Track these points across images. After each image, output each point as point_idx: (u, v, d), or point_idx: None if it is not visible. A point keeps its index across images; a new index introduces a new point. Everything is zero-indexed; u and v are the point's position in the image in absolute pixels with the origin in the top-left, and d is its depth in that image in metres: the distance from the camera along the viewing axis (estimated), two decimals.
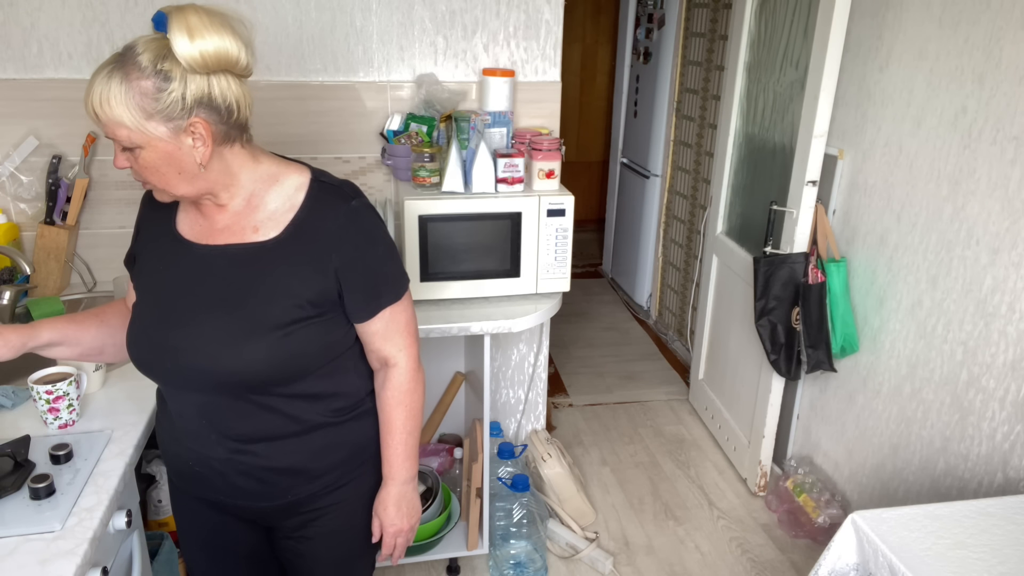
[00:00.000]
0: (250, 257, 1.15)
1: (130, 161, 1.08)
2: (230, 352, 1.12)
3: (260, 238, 1.15)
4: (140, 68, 1.01)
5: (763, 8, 2.62)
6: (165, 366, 1.17)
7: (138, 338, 1.20)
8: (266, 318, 1.13)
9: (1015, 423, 1.68)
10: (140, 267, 1.24)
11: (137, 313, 1.21)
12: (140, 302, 1.22)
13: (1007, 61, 1.67)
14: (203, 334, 1.13)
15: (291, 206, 1.16)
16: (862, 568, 1.31)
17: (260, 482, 1.23)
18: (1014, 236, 1.67)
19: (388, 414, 1.29)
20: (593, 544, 2.40)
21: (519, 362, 2.62)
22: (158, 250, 1.22)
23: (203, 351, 1.13)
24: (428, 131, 2.15)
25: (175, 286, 1.17)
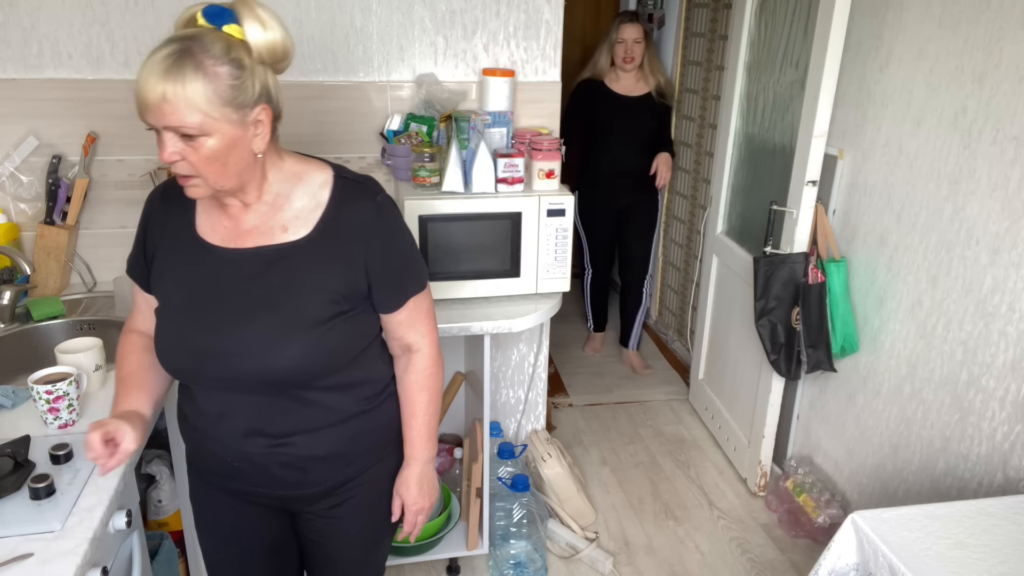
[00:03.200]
0: (283, 257, 1.16)
1: (184, 153, 1.05)
2: (276, 352, 1.14)
3: (290, 237, 1.17)
4: (214, 56, 1.02)
5: (763, 8, 2.62)
6: (207, 372, 1.17)
7: (174, 347, 1.18)
8: (306, 316, 1.15)
9: (1015, 423, 1.68)
10: (160, 272, 1.21)
11: (167, 321, 1.19)
12: (168, 309, 1.20)
13: (1007, 61, 1.67)
14: (248, 337, 1.15)
15: (317, 204, 1.19)
16: (862, 568, 1.31)
17: (301, 471, 1.25)
18: (1014, 236, 1.67)
19: (412, 397, 1.33)
20: (593, 544, 2.40)
21: (519, 362, 2.62)
22: (179, 255, 1.19)
23: (250, 354, 1.14)
24: (428, 131, 2.15)
25: (207, 291, 1.17)
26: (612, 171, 3.34)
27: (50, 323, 1.90)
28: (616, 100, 3.26)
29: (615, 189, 3.37)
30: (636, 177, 3.35)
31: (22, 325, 1.88)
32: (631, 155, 3.31)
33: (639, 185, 3.37)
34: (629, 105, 3.26)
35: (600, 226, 3.50)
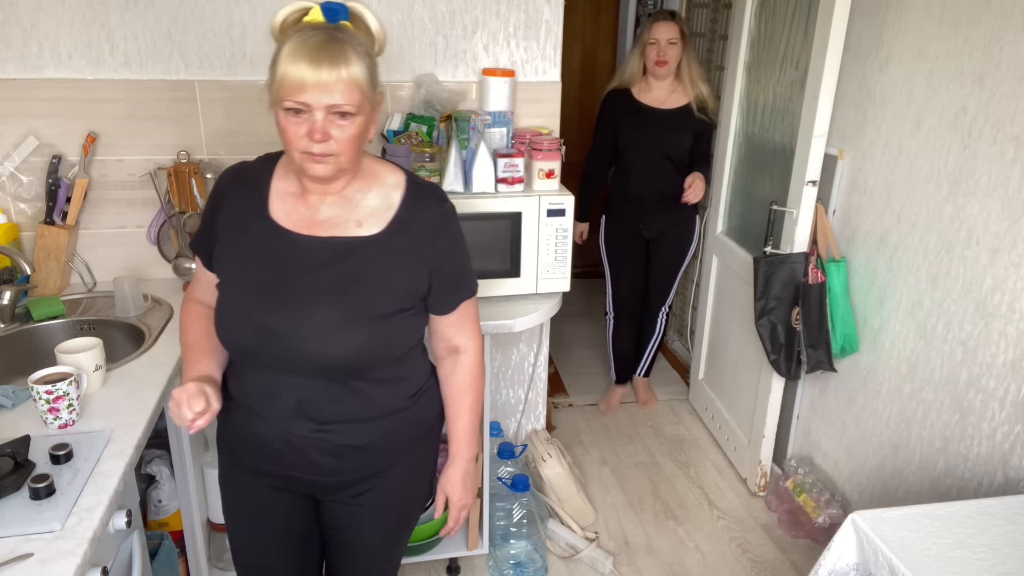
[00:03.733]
0: (355, 250, 1.22)
1: (333, 132, 1.12)
2: (340, 338, 1.20)
3: (363, 232, 1.23)
4: (360, 43, 1.14)
5: (763, 8, 2.62)
6: (267, 350, 1.21)
7: (239, 323, 1.22)
8: (372, 308, 1.22)
9: (1015, 423, 1.69)
10: (226, 250, 1.25)
11: (231, 297, 1.23)
12: (232, 285, 1.24)
13: (1007, 61, 1.67)
14: (314, 320, 1.19)
15: (389, 204, 1.25)
16: (862, 568, 1.31)
17: (338, 459, 1.30)
18: (1014, 236, 1.67)
19: (458, 397, 1.39)
20: (593, 544, 2.40)
21: (519, 362, 2.62)
22: (249, 234, 1.23)
23: (314, 337, 1.19)
24: (428, 131, 2.15)
25: (276, 271, 1.21)
26: (639, 195, 2.91)
27: (50, 323, 1.90)
28: (642, 113, 2.80)
29: (642, 216, 2.93)
30: (668, 203, 2.87)
31: (22, 325, 1.88)
32: (662, 177, 2.85)
33: (672, 212, 2.90)
34: (659, 119, 2.80)
35: (628, 261, 3.03)
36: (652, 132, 2.81)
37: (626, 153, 2.88)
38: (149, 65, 2.05)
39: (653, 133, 2.81)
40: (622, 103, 2.84)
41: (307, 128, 1.11)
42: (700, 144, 2.87)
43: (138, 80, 2.05)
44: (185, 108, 2.09)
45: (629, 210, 2.94)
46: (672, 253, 3.03)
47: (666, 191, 2.86)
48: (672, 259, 3.04)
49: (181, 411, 1.17)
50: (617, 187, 2.97)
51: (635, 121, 2.82)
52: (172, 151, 2.11)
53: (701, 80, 2.81)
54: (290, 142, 1.14)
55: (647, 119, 2.81)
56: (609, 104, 2.89)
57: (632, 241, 3.00)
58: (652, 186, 2.87)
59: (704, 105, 2.80)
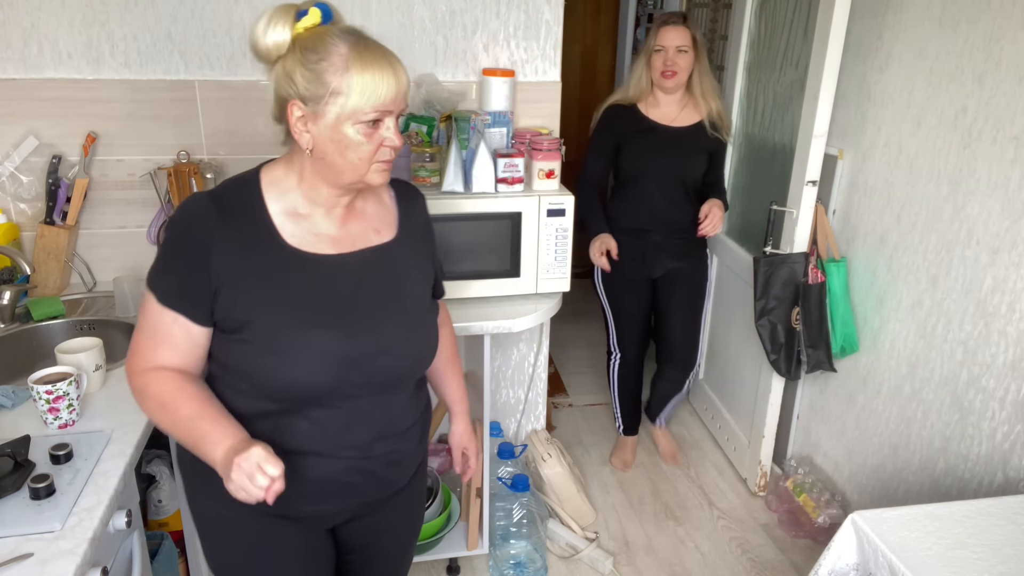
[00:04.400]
0: (385, 257, 1.21)
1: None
2: (413, 345, 1.21)
3: (385, 239, 1.22)
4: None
5: (763, 8, 2.62)
6: (351, 379, 1.14)
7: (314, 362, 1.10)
8: (421, 308, 1.24)
9: (1015, 423, 1.68)
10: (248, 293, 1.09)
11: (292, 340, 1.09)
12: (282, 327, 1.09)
13: (1007, 61, 1.67)
14: (390, 334, 1.17)
15: (387, 207, 1.26)
16: (862, 568, 1.31)
17: (399, 467, 1.28)
18: (1014, 236, 1.67)
19: (451, 362, 1.47)
20: (593, 544, 2.40)
21: (519, 362, 2.62)
22: (273, 269, 1.10)
23: (396, 350, 1.18)
24: (428, 131, 2.15)
25: (329, 298, 1.13)
26: (644, 227, 2.51)
27: (50, 323, 1.90)
28: (652, 131, 2.42)
29: (650, 251, 2.53)
30: (678, 235, 2.51)
31: (22, 325, 1.88)
32: (673, 206, 2.47)
33: (683, 245, 2.53)
34: (672, 138, 2.41)
35: (629, 298, 2.62)
36: (665, 154, 2.41)
37: (631, 178, 2.48)
38: (149, 65, 2.05)
39: (666, 155, 2.41)
40: (627, 120, 2.44)
41: (380, 137, 1.08)
42: (714, 167, 2.51)
43: (138, 80, 2.05)
44: (185, 108, 2.09)
45: (630, 244, 2.49)
46: (687, 290, 2.61)
47: (678, 222, 2.48)
48: (689, 297, 2.62)
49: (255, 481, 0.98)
50: (616, 217, 2.53)
51: (644, 141, 2.41)
52: (172, 151, 2.11)
53: (714, 95, 2.44)
54: (364, 156, 1.08)
55: (658, 138, 2.41)
56: (610, 120, 2.47)
57: (635, 280, 2.58)
58: (661, 216, 2.48)
59: (716, 123, 2.44)
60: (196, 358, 1.12)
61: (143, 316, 1.11)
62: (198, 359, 1.12)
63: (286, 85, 1.07)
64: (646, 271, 2.56)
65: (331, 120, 1.06)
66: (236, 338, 1.10)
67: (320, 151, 1.09)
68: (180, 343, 1.10)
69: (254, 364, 1.10)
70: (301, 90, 1.05)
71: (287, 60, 1.06)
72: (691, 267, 2.58)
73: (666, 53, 2.33)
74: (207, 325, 1.10)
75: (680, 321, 2.63)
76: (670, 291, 2.59)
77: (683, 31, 2.32)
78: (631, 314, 2.64)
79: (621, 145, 2.45)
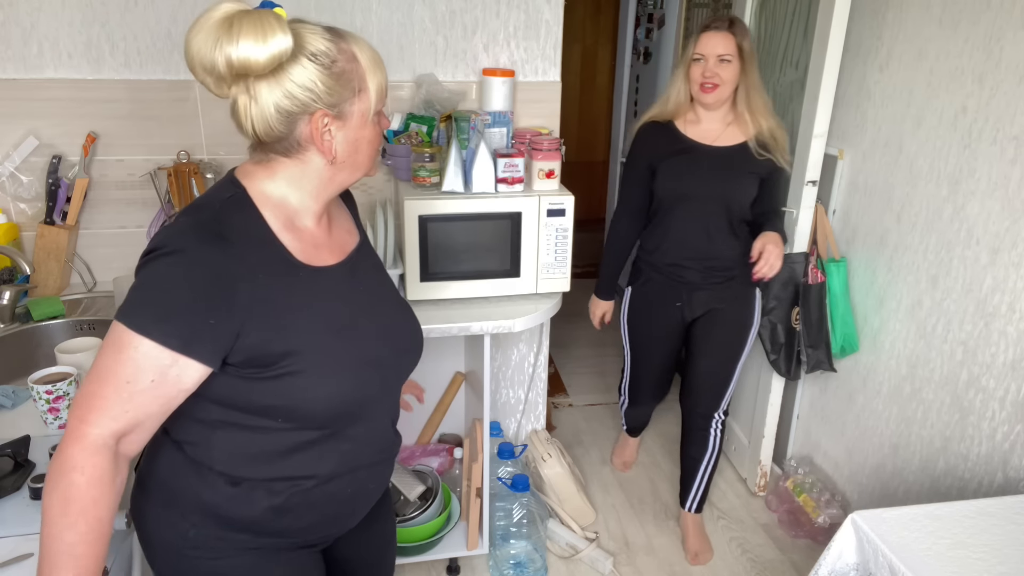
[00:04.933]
0: (365, 257, 1.21)
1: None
2: (419, 335, 1.24)
3: (356, 240, 1.20)
4: None
5: (763, 8, 2.62)
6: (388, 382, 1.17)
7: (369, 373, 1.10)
8: (403, 298, 1.27)
9: (1015, 423, 1.69)
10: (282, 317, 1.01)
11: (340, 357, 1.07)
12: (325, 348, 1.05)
13: (1007, 61, 1.67)
14: (407, 330, 1.22)
15: (344, 209, 1.24)
16: (862, 568, 1.31)
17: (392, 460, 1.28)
18: (1014, 236, 1.67)
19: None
20: (593, 544, 2.40)
21: (519, 362, 2.62)
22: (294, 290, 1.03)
23: (412, 345, 1.22)
24: (428, 131, 2.15)
25: (347, 310, 1.11)
26: (679, 262, 2.16)
27: (50, 323, 1.90)
28: (691, 152, 2.08)
29: (686, 291, 2.18)
30: (721, 274, 2.15)
31: (22, 325, 1.88)
32: (713, 239, 2.11)
33: (726, 284, 2.17)
34: (715, 160, 2.07)
35: (655, 347, 2.31)
36: (705, 177, 2.07)
37: (665, 205, 2.13)
38: (149, 65, 2.05)
39: (706, 179, 2.07)
40: (663, 140, 2.11)
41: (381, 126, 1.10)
42: (767, 195, 2.13)
43: (138, 80, 2.05)
44: (185, 108, 2.10)
45: (664, 282, 2.19)
46: (726, 336, 2.22)
47: (718, 258, 2.12)
48: (725, 347, 2.23)
49: None
50: (649, 250, 2.21)
51: (681, 163, 2.08)
52: (172, 151, 2.11)
53: (764, 112, 2.06)
54: (376, 148, 1.10)
55: (698, 160, 2.07)
56: (644, 141, 2.15)
57: (666, 321, 2.24)
58: (699, 250, 2.12)
59: (766, 142, 2.06)
60: (170, 409, 0.98)
61: (113, 360, 0.92)
62: (166, 415, 0.98)
63: (304, 96, 0.98)
64: (681, 314, 2.21)
65: (357, 121, 1.03)
66: (274, 372, 1.00)
67: (344, 155, 1.04)
68: (167, 391, 0.95)
69: (301, 395, 1.03)
70: (324, 97, 0.99)
71: (291, 69, 0.97)
72: (734, 309, 2.20)
73: (706, 63, 1.99)
74: (216, 367, 0.98)
75: (708, 366, 2.25)
76: (706, 331, 2.23)
77: (727, 38, 1.97)
78: (652, 365, 2.35)
79: (655, 168, 2.12)
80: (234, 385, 1.01)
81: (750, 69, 2.02)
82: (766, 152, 2.06)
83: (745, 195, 2.09)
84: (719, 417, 2.30)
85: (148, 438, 0.99)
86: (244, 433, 1.04)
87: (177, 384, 0.95)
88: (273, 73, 0.97)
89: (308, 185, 1.06)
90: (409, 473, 2.20)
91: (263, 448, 1.05)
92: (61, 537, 0.90)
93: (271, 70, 0.96)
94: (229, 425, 1.04)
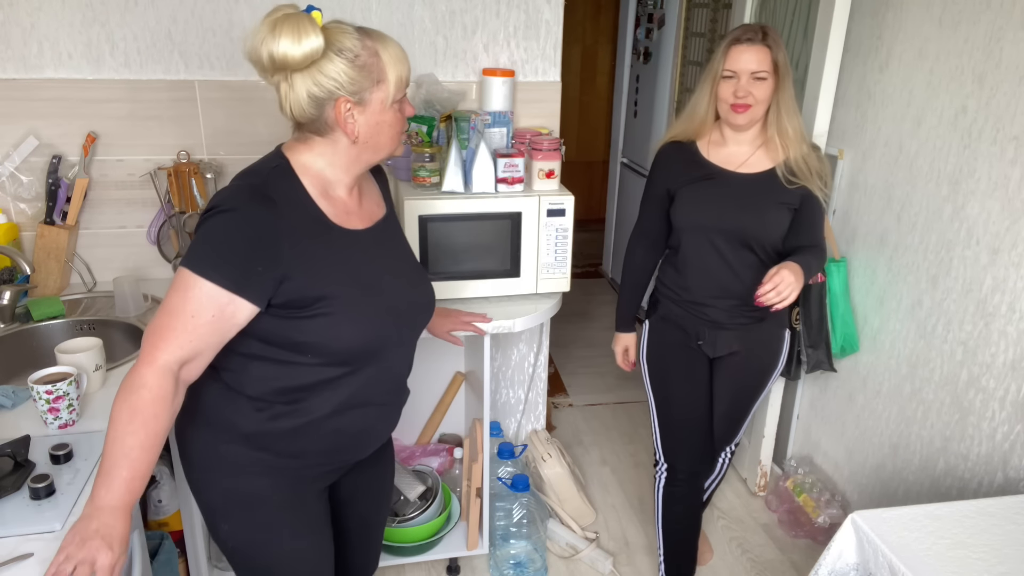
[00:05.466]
0: (391, 227, 1.40)
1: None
2: (432, 295, 1.42)
3: (384, 212, 1.39)
4: None
5: (763, 8, 2.62)
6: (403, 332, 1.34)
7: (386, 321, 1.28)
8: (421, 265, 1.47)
9: (1015, 423, 1.69)
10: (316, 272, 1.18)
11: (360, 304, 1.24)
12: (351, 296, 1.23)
13: (1007, 61, 1.67)
14: (419, 289, 1.39)
15: (373, 183, 1.41)
16: (862, 568, 1.31)
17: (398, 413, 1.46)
18: (1014, 236, 1.67)
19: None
20: (593, 544, 2.40)
21: (519, 362, 2.62)
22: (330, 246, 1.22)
23: (426, 301, 1.41)
24: (428, 131, 2.15)
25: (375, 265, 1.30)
26: (699, 299, 1.92)
27: (50, 323, 1.90)
28: (713, 178, 1.86)
29: (707, 329, 1.94)
30: (745, 311, 1.90)
31: (22, 325, 1.88)
32: (738, 275, 1.86)
33: (752, 323, 1.92)
34: (738, 187, 1.83)
35: (681, 388, 2.02)
36: (727, 208, 1.83)
37: (683, 235, 1.90)
38: (149, 65, 2.05)
39: (729, 209, 1.83)
40: (684, 163, 1.89)
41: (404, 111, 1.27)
42: (804, 227, 1.85)
43: (138, 80, 2.05)
44: (185, 108, 2.10)
45: (683, 317, 1.96)
46: (746, 378, 2.02)
47: (742, 294, 1.87)
48: (745, 387, 2.03)
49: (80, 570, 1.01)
50: (667, 283, 1.99)
51: (702, 190, 1.86)
52: (172, 151, 2.11)
53: (796, 136, 1.81)
54: (400, 131, 1.27)
55: (720, 188, 1.85)
56: (663, 163, 1.94)
57: (687, 360, 1.99)
58: (720, 287, 1.89)
59: (799, 169, 1.81)
60: (226, 340, 1.16)
61: (180, 299, 1.11)
62: (225, 341, 1.17)
63: (329, 85, 1.15)
64: (701, 350, 1.97)
65: (377, 107, 1.20)
66: (309, 312, 1.19)
67: (365, 136, 1.21)
68: (224, 326, 1.14)
69: (332, 332, 1.21)
70: (348, 86, 1.16)
71: (321, 63, 1.14)
72: (759, 353, 1.99)
73: (738, 80, 1.75)
74: (263, 307, 1.16)
75: (722, 411, 2.04)
76: (725, 376, 2.00)
77: (762, 52, 1.73)
78: (682, 407, 2.02)
79: (674, 195, 1.91)
80: (275, 324, 1.19)
81: (784, 86, 1.79)
82: (796, 180, 1.81)
83: (772, 228, 1.83)
84: (730, 449, 2.18)
85: (205, 366, 1.16)
86: (276, 366, 1.22)
87: (232, 319, 1.14)
88: (307, 66, 1.15)
89: (339, 160, 1.24)
90: (409, 473, 2.20)
91: (291, 380, 1.23)
92: (123, 440, 1.07)
93: (305, 65, 1.14)
94: (264, 359, 1.22)
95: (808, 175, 1.82)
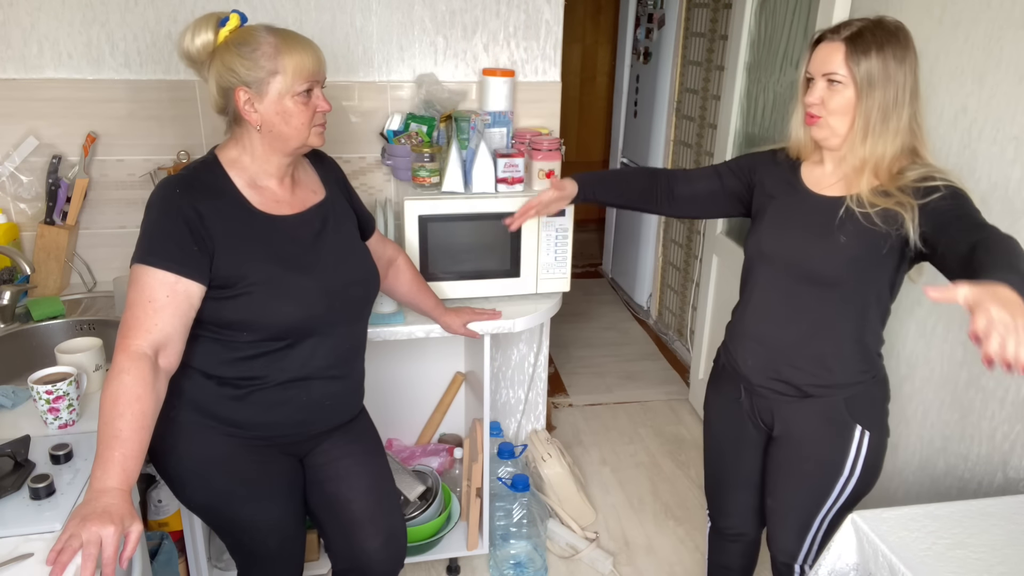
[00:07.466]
0: (326, 212, 1.47)
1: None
2: (369, 274, 1.51)
3: (320, 198, 1.48)
4: None
5: (763, 8, 2.62)
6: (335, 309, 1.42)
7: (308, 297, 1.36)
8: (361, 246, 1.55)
9: (1015, 423, 1.69)
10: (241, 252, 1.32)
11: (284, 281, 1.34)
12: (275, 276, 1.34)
13: (1007, 61, 1.67)
14: (353, 269, 1.48)
15: (311, 172, 1.50)
16: (862, 568, 1.31)
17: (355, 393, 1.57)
18: (1014, 236, 1.66)
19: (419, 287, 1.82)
20: (593, 544, 2.40)
21: (519, 362, 2.62)
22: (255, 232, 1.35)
23: (359, 281, 1.49)
24: (428, 131, 2.15)
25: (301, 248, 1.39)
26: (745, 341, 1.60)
27: (50, 323, 1.90)
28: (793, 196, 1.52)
29: (743, 382, 1.60)
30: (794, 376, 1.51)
31: (22, 325, 1.88)
32: (796, 316, 1.50)
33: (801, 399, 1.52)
34: (807, 210, 1.48)
35: (719, 437, 1.72)
36: (789, 233, 1.50)
37: (750, 262, 1.61)
38: (149, 65, 2.05)
39: (790, 235, 1.50)
40: (782, 175, 1.56)
41: (313, 104, 1.34)
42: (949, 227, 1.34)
43: (138, 80, 2.05)
44: (185, 108, 2.10)
45: (733, 374, 1.63)
46: (804, 470, 1.55)
47: (803, 342, 1.50)
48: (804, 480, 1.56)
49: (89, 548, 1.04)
50: (732, 317, 1.67)
51: (780, 208, 1.54)
52: (172, 151, 2.11)
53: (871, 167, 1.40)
54: (305, 122, 1.34)
55: (793, 209, 1.51)
56: (769, 164, 1.60)
57: (730, 411, 1.66)
58: (779, 328, 1.52)
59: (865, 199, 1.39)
60: (188, 321, 1.28)
61: (136, 291, 1.24)
62: (189, 323, 1.28)
63: (228, 76, 1.29)
64: (755, 416, 1.62)
65: (274, 97, 1.30)
66: (233, 292, 1.31)
67: (268, 125, 1.32)
68: (181, 305, 1.26)
69: (257, 309, 1.32)
70: (243, 77, 1.29)
71: (224, 57, 1.29)
72: (818, 441, 1.52)
73: (814, 85, 1.41)
74: (206, 284, 1.28)
75: (782, 502, 1.61)
76: (783, 454, 1.58)
77: (838, 50, 1.36)
78: (724, 467, 1.74)
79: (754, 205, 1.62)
80: (210, 305, 1.31)
81: (870, 98, 1.35)
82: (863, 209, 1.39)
83: (835, 260, 1.42)
84: (799, 570, 1.65)
85: (179, 353, 1.27)
86: (217, 343, 1.35)
87: (187, 300, 1.26)
88: (212, 59, 1.31)
89: (256, 151, 1.36)
90: (409, 473, 2.20)
91: (232, 354, 1.35)
92: (112, 424, 1.15)
93: (204, 58, 1.32)
94: (206, 337, 1.34)
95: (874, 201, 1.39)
